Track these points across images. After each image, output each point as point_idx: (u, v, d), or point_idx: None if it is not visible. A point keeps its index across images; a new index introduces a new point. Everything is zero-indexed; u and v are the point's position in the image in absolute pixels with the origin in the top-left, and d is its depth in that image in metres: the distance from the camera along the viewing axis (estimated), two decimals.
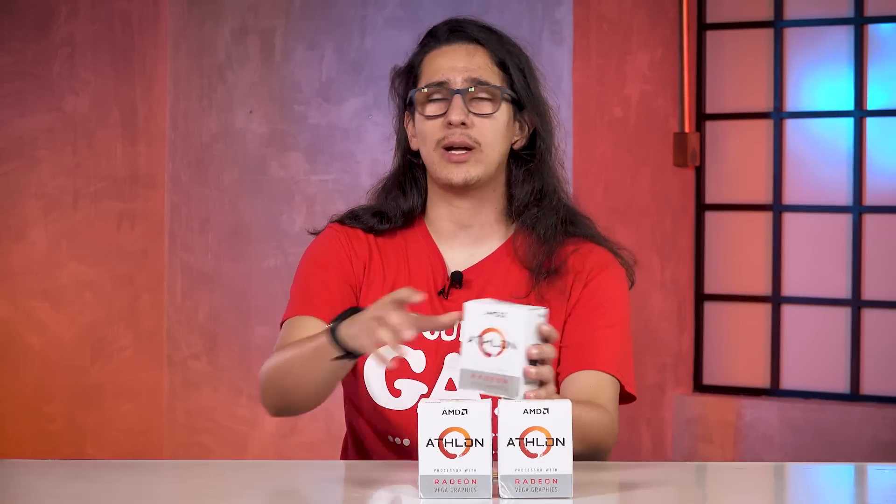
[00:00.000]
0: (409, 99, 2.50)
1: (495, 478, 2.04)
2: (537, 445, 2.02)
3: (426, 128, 2.47)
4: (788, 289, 4.65)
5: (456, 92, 2.44)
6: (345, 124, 4.56)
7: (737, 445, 4.60)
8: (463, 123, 2.43)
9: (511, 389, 2.08)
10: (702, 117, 4.73)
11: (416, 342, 2.43)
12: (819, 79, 4.62)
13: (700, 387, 4.75)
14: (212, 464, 2.59)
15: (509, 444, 2.02)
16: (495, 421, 2.06)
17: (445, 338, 2.44)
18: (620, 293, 2.48)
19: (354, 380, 2.48)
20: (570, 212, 2.51)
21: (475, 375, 2.10)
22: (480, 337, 2.09)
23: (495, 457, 2.05)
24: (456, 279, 2.47)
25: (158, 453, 4.67)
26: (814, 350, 4.61)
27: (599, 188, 4.43)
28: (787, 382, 4.64)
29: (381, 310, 2.17)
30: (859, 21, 4.53)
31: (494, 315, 2.09)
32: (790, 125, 4.65)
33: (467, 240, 2.50)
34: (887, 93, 4.54)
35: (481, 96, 2.46)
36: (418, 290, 2.17)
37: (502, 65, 2.48)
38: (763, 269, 4.68)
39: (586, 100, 4.35)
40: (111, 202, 4.61)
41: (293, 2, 4.62)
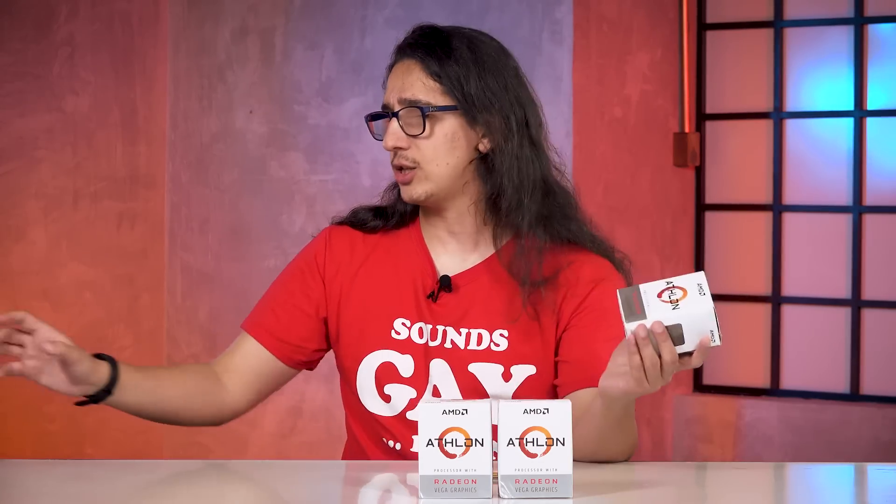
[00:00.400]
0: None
1: (495, 478, 2.04)
2: (537, 445, 2.02)
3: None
4: (788, 289, 4.65)
5: (394, 115, 2.42)
6: (345, 124, 4.56)
7: (737, 445, 4.60)
8: (399, 147, 2.41)
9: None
10: (702, 117, 4.73)
11: (405, 347, 2.44)
12: (819, 79, 4.62)
13: (700, 387, 4.75)
14: (212, 464, 2.59)
15: (509, 444, 2.02)
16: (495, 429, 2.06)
17: (432, 343, 2.44)
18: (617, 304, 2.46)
19: (348, 386, 2.49)
20: (560, 207, 2.45)
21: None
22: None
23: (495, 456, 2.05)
24: (444, 283, 2.45)
25: (158, 453, 4.67)
26: (814, 350, 4.61)
27: (599, 188, 4.43)
28: (787, 382, 4.64)
29: None
30: (859, 21, 4.53)
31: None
32: (790, 125, 4.65)
33: (458, 245, 2.48)
34: (887, 93, 4.54)
35: (410, 118, 2.41)
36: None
37: (437, 76, 2.40)
38: (763, 269, 4.68)
39: (586, 100, 4.34)
40: (111, 202, 4.61)
41: (293, 2, 4.62)
